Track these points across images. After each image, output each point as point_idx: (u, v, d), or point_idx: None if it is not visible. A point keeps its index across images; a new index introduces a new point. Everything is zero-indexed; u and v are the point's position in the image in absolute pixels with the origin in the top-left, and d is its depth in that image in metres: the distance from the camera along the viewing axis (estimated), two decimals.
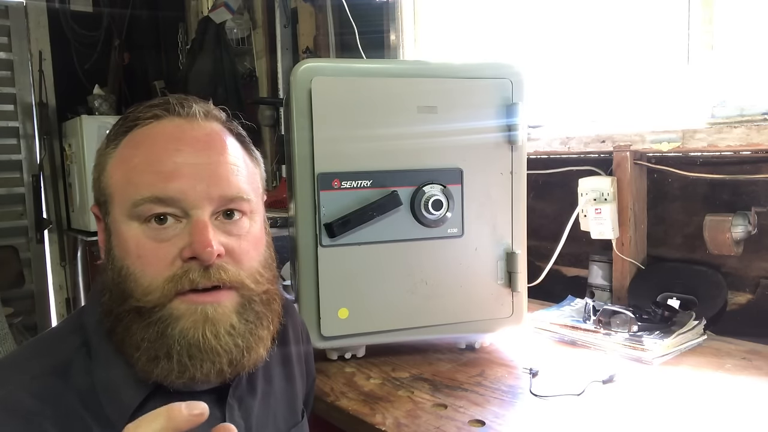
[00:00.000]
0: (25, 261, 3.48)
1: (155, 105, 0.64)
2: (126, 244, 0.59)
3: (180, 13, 3.72)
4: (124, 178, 0.60)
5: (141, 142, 0.62)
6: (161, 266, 0.58)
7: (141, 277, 0.58)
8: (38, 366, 0.59)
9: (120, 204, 0.60)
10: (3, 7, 3.46)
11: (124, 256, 0.59)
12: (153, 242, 0.58)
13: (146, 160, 0.60)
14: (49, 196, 3.60)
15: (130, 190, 0.59)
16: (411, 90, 1.04)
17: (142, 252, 0.58)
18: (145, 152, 0.61)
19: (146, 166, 0.60)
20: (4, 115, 3.50)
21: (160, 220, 0.59)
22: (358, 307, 1.04)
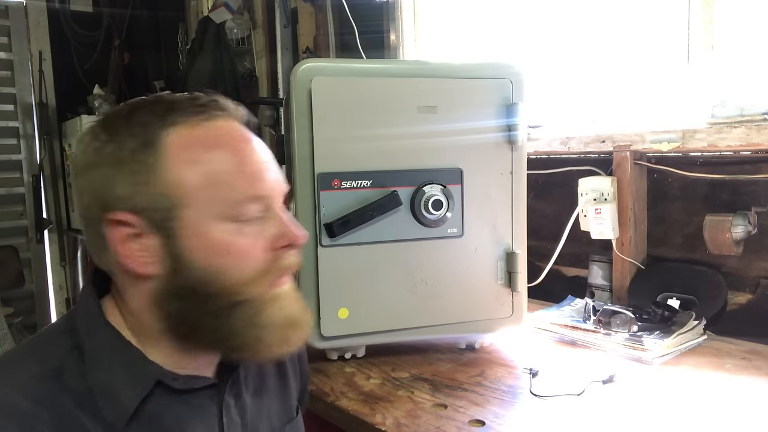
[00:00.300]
0: (25, 261, 3.48)
1: (192, 101, 0.63)
2: (215, 245, 0.60)
3: (180, 13, 3.72)
4: (209, 180, 0.60)
5: (210, 142, 0.61)
6: (257, 259, 0.61)
7: (236, 273, 0.60)
8: (32, 368, 0.59)
9: (206, 206, 0.60)
10: (3, 7, 3.46)
11: (211, 257, 0.60)
12: (246, 238, 0.61)
13: (230, 161, 0.61)
14: (49, 196, 3.60)
15: (221, 192, 0.60)
16: (411, 90, 1.04)
17: (235, 249, 0.60)
18: (224, 153, 0.61)
19: (234, 167, 0.61)
20: (4, 115, 3.50)
21: (251, 217, 0.62)
22: (358, 307, 1.04)
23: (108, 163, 0.59)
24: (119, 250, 0.59)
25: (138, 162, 0.59)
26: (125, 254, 0.59)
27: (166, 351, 0.63)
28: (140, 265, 0.59)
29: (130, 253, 0.59)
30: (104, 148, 0.60)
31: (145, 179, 0.59)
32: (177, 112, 0.61)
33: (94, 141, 0.60)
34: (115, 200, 0.59)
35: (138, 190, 0.59)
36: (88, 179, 0.60)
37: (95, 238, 0.61)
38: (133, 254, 0.59)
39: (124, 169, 0.59)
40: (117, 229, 0.59)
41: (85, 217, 0.62)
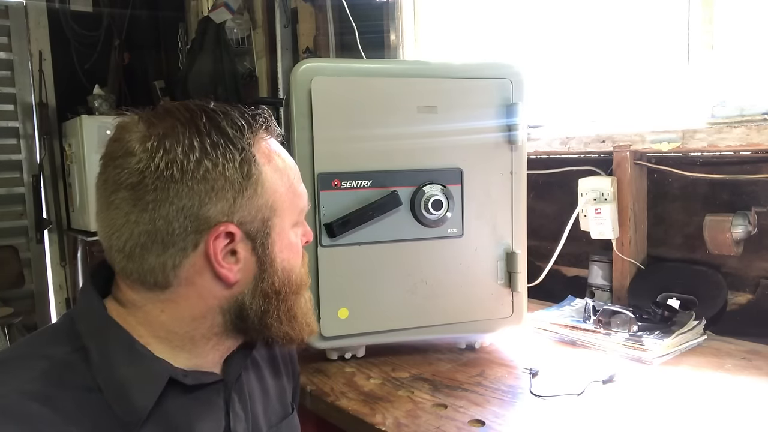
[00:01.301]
0: (25, 261, 3.48)
1: (249, 116, 0.66)
2: (292, 247, 0.69)
3: (180, 13, 3.72)
4: (289, 190, 0.67)
5: (273, 156, 0.67)
6: (300, 256, 0.72)
7: (297, 269, 0.70)
8: (35, 368, 0.58)
9: (288, 215, 0.67)
10: (3, 7, 3.46)
11: (289, 258, 0.68)
12: (299, 239, 0.71)
13: (292, 174, 0.69)
14: (49, 196, 3.60)
15: (297, 201, 0.69)
16: (411, 90, 1.04)
17: (297, 249, 0.70)
18: (287, 167, 0.68)
19: (296, 181, 0.69)
20: (4, 115, 3.50)
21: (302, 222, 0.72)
22: (358, 307, 1.04)
23: (206, 178, 0.60)
24: (219, 260, 0.62)
25: (244, 177, 0.62)
26: (223, 265, 0.62)
27: (186, 352, 0.65)
28: (234, 274, 0.63)
29: (227, 264, 0.63)
30: (200, 164, 0.60)
31: (251, 193, 0.63)
32: (250, 127, 0.64)
33: (178, 156, 0.59)
34: (217, 215, 0.61)
35: (243, 204, 0.62)
36: (178, 195, 0.59)
37: (171, 253, 0.61)
38: (229, 264, 0.63)
39: (229, 184, 0.61)
40: (218, 241, 0.61)
41: (164, 233, 0.60)
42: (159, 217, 0.60)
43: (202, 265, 0.62)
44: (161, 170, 0.59)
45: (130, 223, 0.60)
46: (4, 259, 3.22)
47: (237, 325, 0.67)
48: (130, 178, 0.59)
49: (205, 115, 0.62)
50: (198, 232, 0.61)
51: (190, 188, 0.60)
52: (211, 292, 0.64)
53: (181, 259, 0.61)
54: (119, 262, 0.62)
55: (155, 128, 0.61)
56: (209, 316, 0.65)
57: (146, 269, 0.61)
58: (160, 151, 0.59)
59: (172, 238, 0.60)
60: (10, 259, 3.25)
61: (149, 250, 0.61)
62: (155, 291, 0.62)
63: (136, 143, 0.60)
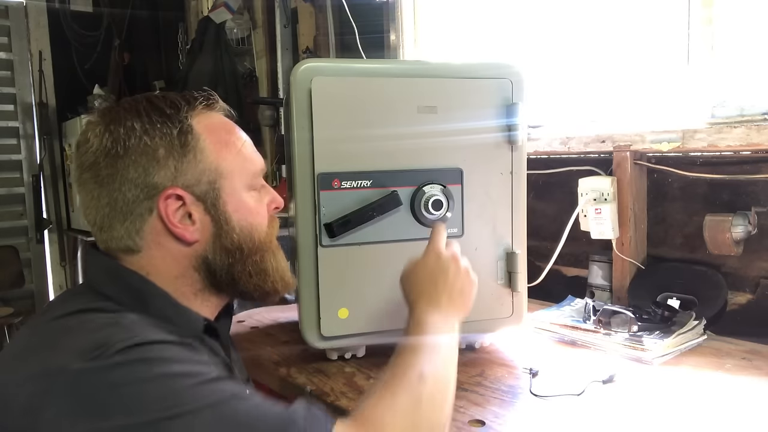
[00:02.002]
0: (25, 261, 3.49)
1: (189, 96, 0.74)
2: (249, 208, 0.76)
3: (180, 13, 3.72)
4: (239, 157, 0.75)
5: (219, 128, 0.75)
6: (265, 219, 0.79)
7: (260, 230, 0.77)
8: (141, 322, 0.65)
9: (240, 178, 0.75)
10: (3, 7, 3.46)
11: (246, 218, 0.75)
12: (260, 203, 0.78)
13: (241, 142, 0.76)
14: (49, 196, 3.60)
15: (248, 165, 0.76)
16: (411, 90, 1.04)
17: (256, 210, 0.77)
18: (235, 136, 0.76)
19: (246, 147, 0.77)
20: (4, 115, 3.50)
21: (259, 187, 0.79)
22: (358, 307, 1.04)
23: (147, 151, 0.69)
24: (172, 221, 0.70)
25: (182, 146, 0.71)
26: (177, 225, 0.71)
27: (196, 305, 0.75)
28: (190, 233, 0.71)
29: (182, 224, 0.71)
30: (140, 139, 0.69)
31: (191, 159, 0.71)
32: (188, 105, 0.73)
33: (120, 135, 0.69)
34: (163, 181, 0.70)
35: (185, 169, 0.71)
36: (125, 168, 0.69)
37: (131, 220, 0.70)
38: (184, 225, 0.71)
39: (168, 154, 0.70)
40: (167, 204, 0.70)
41: (121, 202, 0.70)
42: (114, 190, 0.70)
43: (160, 228, 0.71)
44: (108, 149, 0.70)
45: (94, 199, 0.71)
46: (4, 259, 3.23)
47: (211, 281, 0.75)
48: (88, 160, 0.71)
49: (146, 101, 0.73)
50: (149, 198, 0.70)
51: (134, 161, 0.69)
52: (179, 252, 0.72)
53: (141, 224, 0.71)
54: (96, 235, 0.73)
55: (105, 117, 0.72)
56: (187, 273, 0.73)
57: (116, 237, 0.71)
58: (107, 134, 0.70)
59: (129, 207, 0.70)
60: (10, 259, 3.25)
61: (114, 219, 0.71)
62: (132, 257, 0.72)
63: (89, 131, 0.72)
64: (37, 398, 0.55)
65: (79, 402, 0.55)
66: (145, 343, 0.59)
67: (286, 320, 1.39)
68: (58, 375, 0.56)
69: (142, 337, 0.59)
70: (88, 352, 0.57)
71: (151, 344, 0.60)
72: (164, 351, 0.60)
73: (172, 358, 0.60)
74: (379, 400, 0.69)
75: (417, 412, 0.69)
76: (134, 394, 0.55)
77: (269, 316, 1.43)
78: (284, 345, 1.21)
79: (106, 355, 0.56)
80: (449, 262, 0.86)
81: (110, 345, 0.57)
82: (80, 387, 0.55)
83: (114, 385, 0.55)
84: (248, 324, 1.38)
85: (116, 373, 0.56)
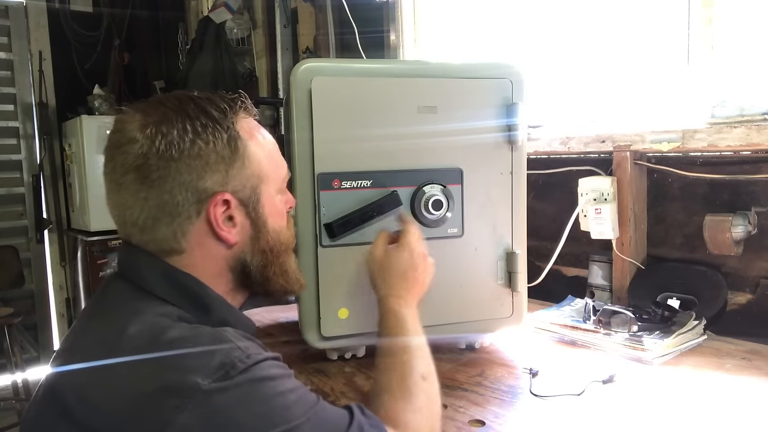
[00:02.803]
0: (25, 261, 3.48)
1: (229, 99, 0.76)
2: (279, 211, 0.79)
3: (180, 13, 3.72)
4: (272, 161, 0.78)
5: (256, 133, 0.77)
6: (286, 220, 0.82)
7: (285, 231, 0.80)
8: (232, 331, 0.67)
9: (273, 183, 0.78)
10: (3, 7, 3.46)
11: (277, 221, 0.78)
12: (283, 206, 0.81)
13: (272, 147, 0.79)
14: (49, 196, 3.60)
15: (279, 170, 0.79)
16: (411, 90, 1.04)
17: (283, 213, 0.81)
18: (267, 141, 0.78)
19: (275, 152, 0.79)
20: (4, 115, 3.50)
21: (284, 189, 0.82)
22: (358, 307, 1.04)
23: (201, 155, 0.70)
24: (219, 225, 0.72)
25: (233, 152, 0.72)
26: (222, 228, 0.72)
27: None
28: (233, 236, 0.73)
29: (226, 227, 0.73)
30: (194, 143, 0.70)
31: (240, 165, 0.73)
32: (231, 109, 0.74)
33: (174, 138, 0.69)
34: (213, 186, 0.71)
35: (234, 175, 0.72)
36: (178, 171, 0.69)
37: (178, 222, 0.71)
38: (228, 228, 0.73)
39: (220, 159, 0.71)
40: (217, 208, 0.71)
41: (170, 205, 0.70)
42: (164, 192, 0.69)
43: (206, 230, 0.72)
44: (162, 152, 0.69)
45: (140, 199, 0.70)
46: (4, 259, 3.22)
47: (243, 281, 0.77)
48: (136, 161, 0.69)
49: (192, 102, 0.72)
50: (199, 201, 0.71)
51: (188, 165, 0.69)
52: (219, 253, 0.74)
53: (188, 226, 0.71)
54: (135, 235, 0.72)
55: (151, 117, 0.70)
56: (223, 273, 0.75)
57: (160, 238, 0.71)
58: (159, 136, 0.69)
59: (178, 209, 0.70)
60: (10, 259, 3.25)
61: (160, 221, 0.71)
62: (174, 257, 0.72)
63: (136, 131, 0.70)
64: (165, 412, 0.57)
65: (215, 419, 0.58)
66: (259, 362, 0.62)
67: (286, 320, 1.39)
68: (192, 393, 0.58)
69: (254, 356, 0.63)
70: (214, 371, 0.59)
71: (263, 362, 0.63)
72: (273, 368, 0.64)
73: (281, 375, 0.64)
74: (405, 404, 0.75)
75: (430, 409, 0.78)
76: (261, 412, 0.60)
77: (269, 316, 1.43)
78: (284, 345, 1.21)
79: (231, 376, 0.60)
80: (419, 258, 0.94)
81: (231, 364, 0.60)
82: (215, 405, 0.58)
83: (244, 404, 0.59)
84: None
85: (244, 392, 0.60)
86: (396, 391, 0.77)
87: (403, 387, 0.77)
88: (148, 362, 0.62)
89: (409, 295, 0.91)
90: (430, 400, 0.79)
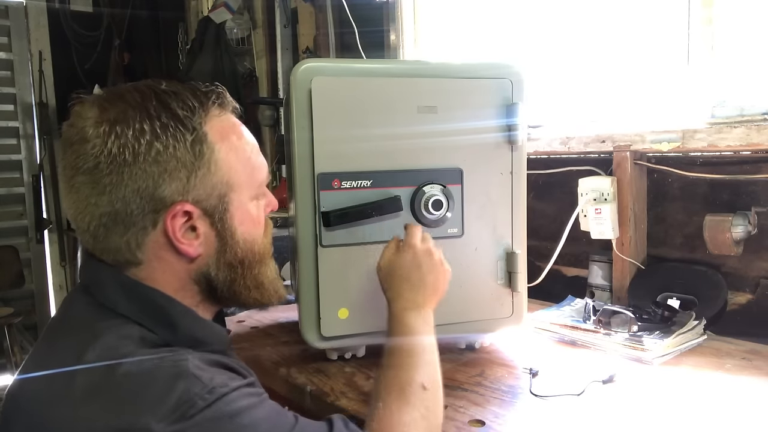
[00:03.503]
0: (25, 261, 3.48)
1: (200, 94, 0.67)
2: (253, 220, 0.72)
3: (180, 13, 3.71)
4: (247, 165, 0.70)
5: (231, 133, 0.69)
6: (263, 227, 0.75)
7: (259, 240, 0.73)
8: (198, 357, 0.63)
9: (247, 189, 0.70)
10: (3, 7, 3.46)
11: (250, 230, 0.71)
12: (260, 212, 0.74)
13: (250, 147, 0.71)
14: (49, 196, 3.60)
15: (256, 174, 0.71)
16: (411, 90, 1.04)
17: (259, 220, 0.73)
18: (244, 141, 0.70)
19: (253, 155, 0.71)
20: (4, 115, 3.50)
21: (264, 193, 0.75)
22: (358, 307, 1.04)
23: (158, 160, 0.62)
24: (177, 238, 0.65)
25: (196, 157, 0.64)
26: (182, 241, 0.65)
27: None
28: (194, 249, 0.67)
29: (186, 240, 0.66)
30: (151, 146, 0.62)
31: (205, 172, 0.65)
32: (202, 106, 0.66)
33: (129, 140, 0.62)
34: (172, 195, 0.64)
35: (197, 183, 0.65)
36: (132, 178, 0.62)
37: (132, 233, 0.64)
38: (188, 240, 0.66)
39: (181, 165, 0.63)
40: (176, 220, 0.65)
41: (123, 214, 0.63)
42: (117, 200, 0.63)
43: (163, 242, 0.66)
44: (114, 155, 0.62)
45: (90, 205, 0.64)
46: (4, 259, 3.22)
47: (210, 293, 0.71)
48: (87, 163, 0.62)
49: (156, 98, 0.64)
50: (155, 211, 0.64)
51: (143, 170, 0.62)
52: (180, 266, 0.68)
53: (143, 238, 0.65)
54: (87, 241, 0.67)
55: (107, 113, 0.63)
56: (187, 287, 0.69)
57: (113, 248, 0.65)
58: (112, 136, 0.62)
59: (132, 219, 0.64)
60: (10, 259, 3.25)
61: (112, 230, 0.64)
62: (131, 269, 0.67)
63: (90, 128, 0.63)
64: None
65: None
66: (222, 396, 0.57)
67: (286, 320, 1.39)
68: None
69: (218, 389, 0.57)
70: (170, 413, 0.54)
71: (228, 394, 0.58)
72: (240, 399, 0.59)
73: (250, 406, 0.59)
74: (399, 415, 0.71)
75: (428, 420, 0.74)
76: None
77: (269, 316, 1.43)
78: (284, 345, 1.21)
79: (188, 415, 0.55)
80: (423, 256, 0.89)
81: (191, 402, 0.55)
82: None
83: None
84: (248, 324, 1.38)
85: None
86: (392, 399, 0.73)
87: (400, 396, 0.73)
88: (101, 398, 0.57)
89: (418, 297, 0.86)
90: (429, 411, 0.74)
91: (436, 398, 0.77)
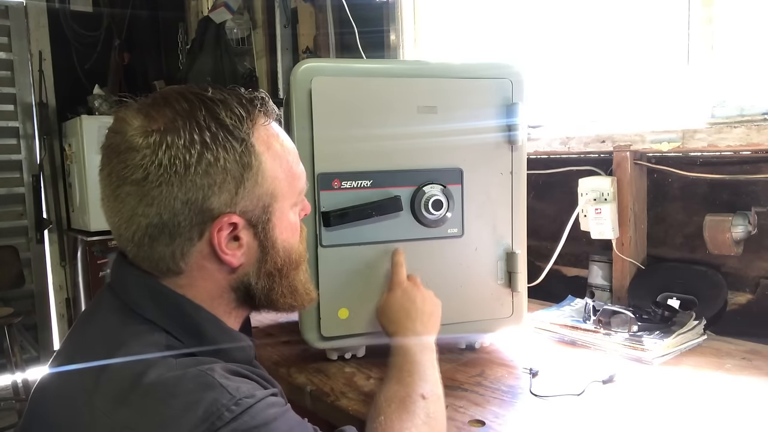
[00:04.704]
0: (25, 261, 3.48)
1: (246, 102, 0.67)
2: (293, 228, 0.72)
3: (180, 13, 3.71)
4: (288, 174, 0.70)
5: (274, 142, 0.69)
6: (299, 233, 0.75)
7: (296, 247, 0.74)
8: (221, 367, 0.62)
9: (288, 198, 0.70)
10: (3, 7, 3.46)
11: (289, 239, 0.72)
12: (297, 219, 0.74)
13: (290, 158, 0.71)
14: (49, 196, 3.60)
15: (297, 183, 0.72)
16: (411, 90, 1.04)
17: (297, 227, 0.74)
18: (286, 150, 0.70)
19: (294, 164, 0.72)
20: (4, 115, 3.50)
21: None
22: (358, 307, 1.04)
23: (208, 172, 0.62)
24: (222, 248, 0.65)
25: (245, 169, 0.64)
26: (226, 252, 0.66)
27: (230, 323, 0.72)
28: (237, 259, 0.67)
29: (230, 250, 0.66)
30: (201, 157, 0.62)
31: (252, 184, 0.65)
32: (249, 115, 0.66)
33: (180, 151, 0.61)
34: (219, 206, 0.64)
35: (244, 195, 0.65)
36: (182, 189, 0.62)
37: (178, 243, 0.64)
38: (232, 250, 0.66)
39: (230, 176, 0.64)
40: (222, 231, 0.65)
41: (170, 224, 0.63)
42: (165, 211, 0.62)
43: (207, 252, 0.66)
44: (165, 166, 0.61)
45: (137, 215, 0.63)
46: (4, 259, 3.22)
47: (246, 301, 0.72)
48: (135, 174, 0.61)
49: (204, 106, 0.64)
50: (203, 223, 0.64)
51: (193, 182, 0.62)
52: (220, 276, 0.68)
53: (189, 248, 0.65)
54: (130, 250, 0.66)
55: (155, 122, 0.62)
56: (224, 294, 0.69)
57: (156, 257, 0.65)
58: (163, 147, 0.61)
59: (179, 230, 0.63)
60: (10, 259, 3.24)
61: (157, 240, 0.64)
62: (171, 277, 0.66)
63: (138, 138, 0.62)
64: None
65: None
66: (248, 408, 0.57)
67: (286, 320, 1.39)
68: None
69: (245, 401, 0.57)
70: (198, 424, 0.54)
71: (255, 405, 0.58)
72: (267, 409, 0.59)
73: (276, 416, 0.59)
74: (401, 423, 0.74)
75: (429, 424, 0.76)
76: None
77: (269, 316, 1.43)
78: (284, 345, 1.21)
79: (217, 427, 0.55)
80: (414, 291, 0.96)
81: (218, 414, 0.55)
82: None
83: None
84: None
85: None
86: (392, 410, 0.76)
87: (400, 406, 0.77)
88: (127, 408, 0.57)
89: (417, 325, 0.92)
90: (431, 418, 0.77)
91: (437, 406, 0.80)
